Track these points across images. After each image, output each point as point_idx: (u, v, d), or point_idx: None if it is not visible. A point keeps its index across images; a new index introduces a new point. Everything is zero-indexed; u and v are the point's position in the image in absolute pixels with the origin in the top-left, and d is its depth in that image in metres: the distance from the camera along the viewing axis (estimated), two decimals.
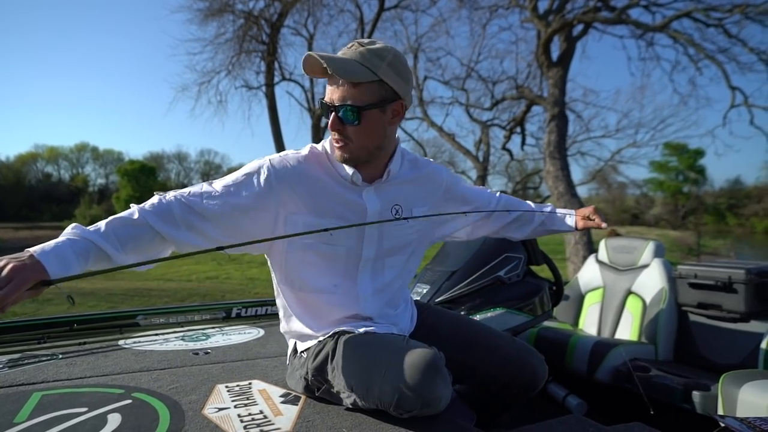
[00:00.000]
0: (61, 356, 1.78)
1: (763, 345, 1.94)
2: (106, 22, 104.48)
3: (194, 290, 9.01)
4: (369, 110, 1.21)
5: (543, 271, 2.57)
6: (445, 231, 1.59)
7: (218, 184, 1.25)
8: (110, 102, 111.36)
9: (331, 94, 1.22)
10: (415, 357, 1.11)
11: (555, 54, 10.21)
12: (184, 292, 8.75)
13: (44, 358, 1.75)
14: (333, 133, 1.24)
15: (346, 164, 1.28)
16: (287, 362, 1.50)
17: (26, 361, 1.71)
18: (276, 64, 13.12)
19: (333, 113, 1.22)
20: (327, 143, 1.34)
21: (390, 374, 1.11)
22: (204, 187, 1.25)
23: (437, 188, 1.46)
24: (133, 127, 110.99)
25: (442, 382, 1.10)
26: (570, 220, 1.68)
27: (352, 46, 1.22)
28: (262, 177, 1.25)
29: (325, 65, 1.16)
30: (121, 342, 1.99)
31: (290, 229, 1.27)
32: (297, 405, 1.32)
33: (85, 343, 1.93)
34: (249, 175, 1.26)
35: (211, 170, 59.62)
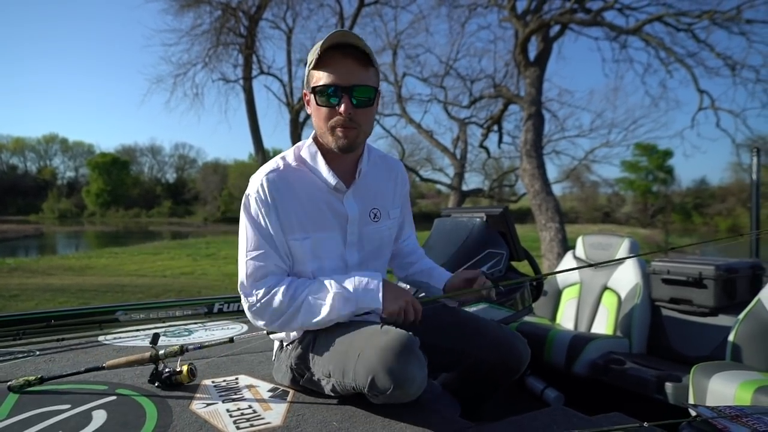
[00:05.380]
0: (38, 353, 1.73)
1: (731, 338, 2.03)
2: (77, 8, 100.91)
3: (169, 286, 8.83)
4: (377, 93, 1.25)
5: (522, 266, 2.63)
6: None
7: (261, 244, 1.26)
8: (80, 92, 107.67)
9: (344, 77, 1.18)
10: (389, 339, 1.12)
11: (532, 54, 10.38)
12: (159, 287, 8.56)
13: (20, 355, 1.70)
14: (343, 117, 1.20)
15: (345, 152, 1.26)
16: (273, 358, 1.49)
17: (1, 358, 1.66)
18: (254, 58, 12.92)
19: (345, 96, 1.19)
20: (305, 149, 1.33)
21: (364, 357, 1.12)
22: (264, 256, 1.26)
23: (404, 187, 1.50)
24: (105, 119, 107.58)
25: (416, 363, 1.11)
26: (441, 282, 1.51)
27: (345, 32, 1.20)
28: (261, 210, 1.26)
29: (343, 42, 1.17)
30: (100, 338, 1.95)
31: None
32: (286, 399, 1.32)
33: (63, 339, 1.88)
34: (256, 218, 1.27)
35: (185, 164, 58.34)
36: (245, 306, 1.29)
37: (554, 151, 16.26)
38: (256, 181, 1.28)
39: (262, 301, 1.24)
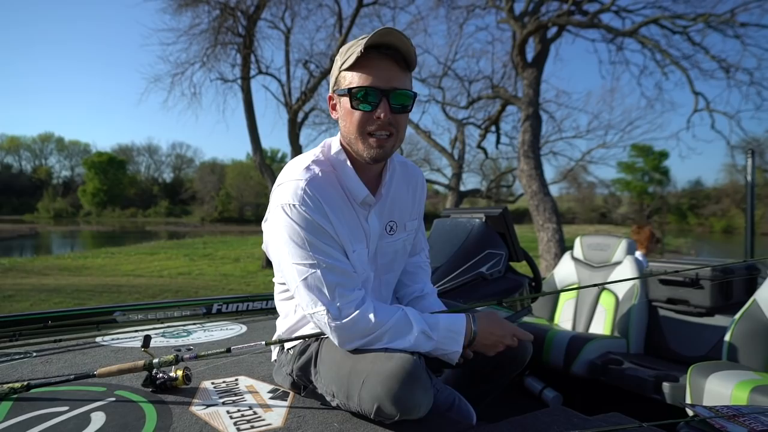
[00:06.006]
0: (35, 354, 1.72)
1: (727, 338, 2.05)
2: (74, 7, 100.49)
3: (166, 286, 8.79)
4: (415, 98, 1.20)
5: (521, 267, 2.64)
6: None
7: (329, 254, 1.17)
8: (77, 91, 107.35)
9: (383, 79, 1.13)
10: (393, 366, 1.09)
11: (530, 55, 10.41)
12: (156, 288, 8.53)
13: (17, 357, 1.69)
14: (380, 122, 1.14)
15: (377, 162, 1.21)
16: (274, 358, 1.49)
17: None
18: (252, 57, 12.87)
19: (384, 99, 1.13)
20: (333, 155, 1.25)
21: (368, 384, 1.10)
22: (335, 269, 1.17)
23: (422, 197, 1.45)
24: (102, 118, 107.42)
25: (421, 390, 1.08)
26: None
27: (390, 30, 1.14)
28: (313, 216, 1.16)
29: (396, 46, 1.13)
30: (98, 339, 1.94)
31: None
32: (286, 401, 1.32)
33: (60, 341, 1.87)
34: (311, 226, 1.16)
35: (182, 164, 58.22)
36: (325, 322, 1.17)
37: (551, 152, 16.38)
38: (296, 188, 1.17)
39: (350, 319, 1.15)
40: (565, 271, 3.01)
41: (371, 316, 1.16)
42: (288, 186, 1.19)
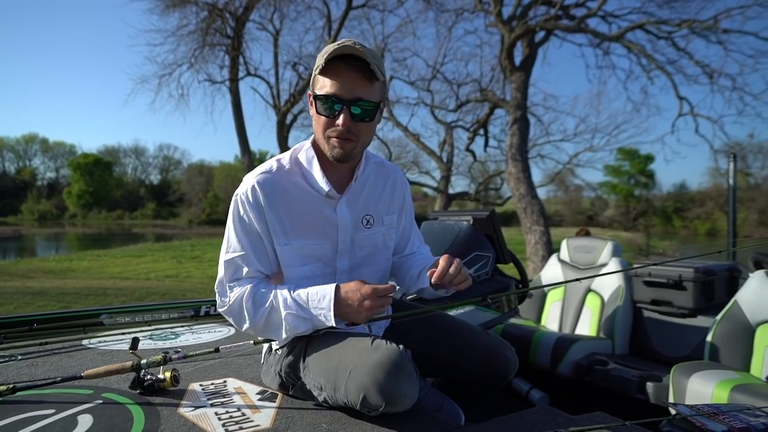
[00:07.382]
0: (20, 357, 1.71)
1: (709, 338, 2.09)
2: (59, 5, 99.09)
3: (153, 289, 8.69)
4: (378, 108, 1.24)
5: (509, 269, 2.66)
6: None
7: (243, 246, 1.27)
8: (62, 92, 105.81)
9: (346, 89, 1.17)
10: (379, 356, 1.11)
11: (518, 59, 10.51)
12: (143, 290, 8.43)
13: (2, 360, 1.68)
14: (341, 129, 1.19)
15: (340, 162, 1.26)
16: (262, 360, 1.50)
17: None
18: (241, 59, 12.84)
19: (345, 108, 1.18)
20: (302, 152, 1.32)
21: (355, 374, 1.12)
22: (243, 258, 1.28)
23: (402, 193, 1.48)
24: (87, 119, 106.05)
25: (407, 381, 1.10)
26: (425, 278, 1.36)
27: (355, 43, 1.17)
28: (249, 212, 1.26)
29: (362, 57, 1.15)
30: (85, 342, 1.92)
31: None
32: (274, 402, 1.32)
33: (46, 344, 1.85)
34: (241, 220, 1.27)
35: (170, 165, 57.62)
36: (218, 306, 1.32)
37: (539, 155, 16.52)
38: (247, 183, 1.27)
39: (231, 304, 1.27)
40: (551, 273, 3.05)
41: (243, 302, 1.25)
42: (244, 180, 1.30)
